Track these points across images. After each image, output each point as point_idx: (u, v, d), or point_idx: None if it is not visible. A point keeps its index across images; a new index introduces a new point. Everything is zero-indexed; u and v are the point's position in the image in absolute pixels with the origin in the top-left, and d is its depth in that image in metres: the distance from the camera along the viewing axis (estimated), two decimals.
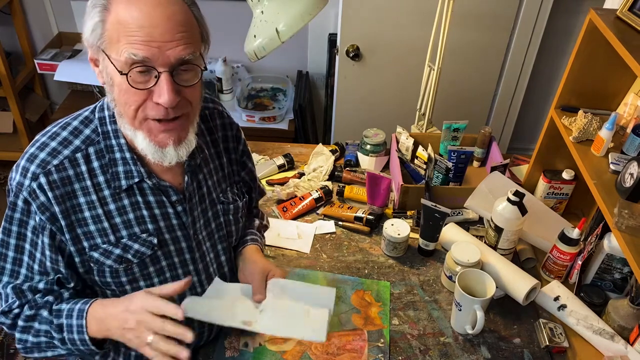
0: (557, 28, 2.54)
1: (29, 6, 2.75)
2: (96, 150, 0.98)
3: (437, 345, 1.28)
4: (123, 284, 1.04)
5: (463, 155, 1.68)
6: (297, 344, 1.26)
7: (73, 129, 0.99)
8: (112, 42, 0.88)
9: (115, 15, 0.86)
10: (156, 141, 0.95)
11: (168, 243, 1.06)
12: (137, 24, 0.86)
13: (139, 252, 1.02)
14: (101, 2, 0.88)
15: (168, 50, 0.87)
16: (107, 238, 1.00)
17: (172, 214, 1.05)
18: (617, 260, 1.35)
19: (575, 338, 1.31)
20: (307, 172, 1.80)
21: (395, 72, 2.37)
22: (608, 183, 1.23)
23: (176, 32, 0.88)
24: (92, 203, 0.98)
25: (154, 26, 0.86)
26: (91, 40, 0.90)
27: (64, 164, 0.96)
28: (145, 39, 0.86)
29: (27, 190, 0.94)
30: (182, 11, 0.89)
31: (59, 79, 2.52)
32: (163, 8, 0.87)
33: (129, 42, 0.86)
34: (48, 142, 0.97)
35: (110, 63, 0.89)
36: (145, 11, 0.86)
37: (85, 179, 0.97)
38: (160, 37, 0.86)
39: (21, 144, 2.78)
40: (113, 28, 0.87)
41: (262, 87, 2.85)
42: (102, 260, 1.01)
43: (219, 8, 2.68)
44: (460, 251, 1.37)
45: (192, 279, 1.11)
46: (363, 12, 2.20)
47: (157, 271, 1.06)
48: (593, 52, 1.35)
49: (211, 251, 1.15)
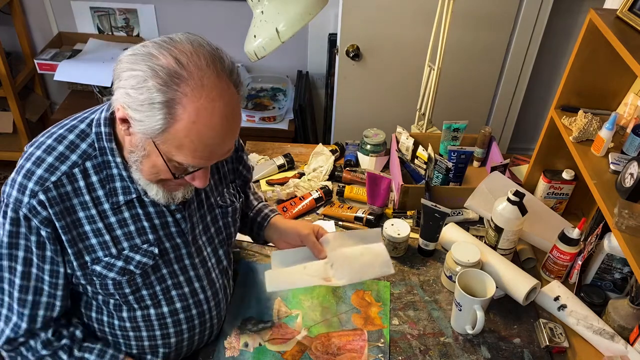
0: (557, 28, 2.54)
1: (29, 6, 2.75)
2: (94, 165, 0.97)
3: (437, 345, 1.28)
4: (126, 294, 1.04)
5: (463, 155, 1.68)
6: (297, 344, 1.26)
7: (69, 143, 0.96)
8: (170, 144, 0.86)
9: (183, 126, 0.84)
10: (169, 190, 0.98)
11: (168, 251, 1.06)
12: (203, 142, 0.86)
13: (141, 262, 1.02)
14: (163, 98, 0.82)
15: (220, 157, 0.92)
16: (108, 251, 1.00)
17: (171, 222, 1.05)
18: (617, 260, 1.35)
19: (575, 338, 1.31)
20: (307, 172, 1.80)
21: (395, 72, 2.36)
22: (608, 183, 1.23)
23: (232, 142, 0.91)
24: (92, 217, 0.97)
25: (218, 144, 0.88)
26: (139, 129, 0.86)
27: (62, 180, 0.94)
28: (207, 155, 0.88)
29: (26, 207, 0.93)
30: (239, 114, 0.90)
31: (59, 79, 2.53)
32: (228, 123, 0.87)
33: (191, 155, 0.87)
34: (44, 157, 0.95)
35: (159, 155, 0.89)
36: (213, 127, 0.85)
37: (83, 194, 0.96)
38: (221, 152, 0.90)
39: (21, 144, 2.78)
40: (177, 137, 0.85)
41: (262, 87, 2.85)
42: (104, 273, 1.00)
43: (219, 8, 2.69)
44: (460, 251, 1.37)
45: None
46: (363, 12, 2.20)
47: (158, 279, 1.06)
48: (593, 52, 1.35)
49: (212, 256, 1.15)
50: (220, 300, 1.19)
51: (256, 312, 1.32)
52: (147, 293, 1.06)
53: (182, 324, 1.12)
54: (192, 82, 0.82)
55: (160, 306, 1.08)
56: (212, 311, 1.17)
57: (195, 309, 1.13)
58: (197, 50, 0.85)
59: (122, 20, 2.76)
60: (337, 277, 1.13)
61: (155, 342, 1.12)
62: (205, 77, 0.83)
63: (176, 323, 1.11)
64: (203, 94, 0.83)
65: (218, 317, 1.20)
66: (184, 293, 1.10)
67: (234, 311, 1.31)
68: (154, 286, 1.06)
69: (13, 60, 2.79)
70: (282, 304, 1.34)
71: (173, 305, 1.09)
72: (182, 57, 0.83)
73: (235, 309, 1.32)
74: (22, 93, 2.83)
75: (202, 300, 1.13)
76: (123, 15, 2.75)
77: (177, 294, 1.09)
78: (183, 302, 1.10)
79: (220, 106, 0.84)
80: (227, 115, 0.86)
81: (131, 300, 1.05)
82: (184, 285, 1.09)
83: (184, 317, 1.11)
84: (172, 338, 1.12)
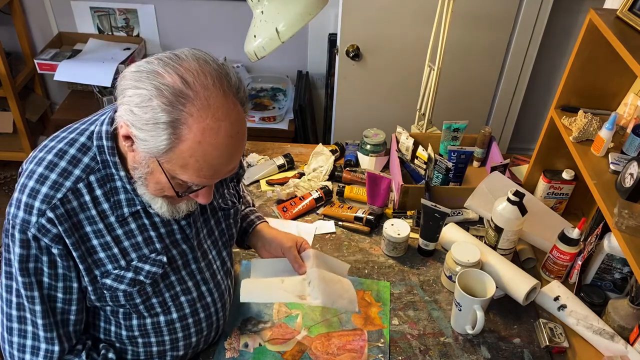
0: (557, 28, 2.54)
1: (29, 6, 2.75)
2: (97, 179, 0.95)
3: (437, 345, 1.28)
4: (137, 304, 1.04)
5: (463, 155, 1.68)
6: (297, 344, 1.26)
7: (71, 158, 0.94)
8: (174, 164, 0.86)
9: (189, 146, 0.83)
10: (173, 205, 0.97)
11: (176, 258, 1.06)
12: (208, 162, 0.85)
13: (151, 272, 1.02)
14: (168, 118, 0.81)
15: (225, 175, 0.91)
16: (117, 263, 0.98)
17: (176, 230, 1.04)
18: (617, 260, 1.35)
19: (575, 338, 1.31)
20: (307, 172, 1.80)
21: (395, 72, 2.36)
22: (608, 183, 1.23)
23: (237, 161, 0.91)
24: (100, 231, 0.96)
25: (223, 164, 0.87)
26: (143, 148, 0.85)
27: (67, 196, 0.92)
28: (211, 174, 0.88)
29: (35, 227, 0.90)
30: (244, 132, 0.89)
31: (59, 79, 2.53)
32: (234, 142, 0.86)
33: (196, 175, 0.86)
34: (47, 174, 0.93)
35: (162, 173, 0.88)
36: (218, 147, 0.84)
37: (90, 209, 0.95)
38: (225, 170, 0.89)
39: (21, 144, 2.78)
40: (181, 157, 0.84)
41: (262, 87, 2.85)
42: (115, 285, 0.99)
43: (219, 8, 2.69)
44: (460, 251, 1.37)
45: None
46: (363, 12, 2.20)
47: (167, 286, 1.06)
48: (593, 52, 1.35)
49: (217, 259, 1.15)
50: (226, 301, 1.19)
51: (256, 312, 1.32)
52: (157, 301, 1.05)
53: (191, 328, 1.12)
54: (198, 102, 0.81)
55: (170, 313, 1.08)
56: (219, 312, 1.17)
57: (203, 312, 1.13)
58: (204, 68, 0.83)
59: (122, 20, 2.76)
60: (313, 296, 1.11)
61: (164, 348, 1.12)
62: (212, 96, 0.82)
63: (184, 327, 1.11)
64: (209, 114, 0.82)
65: (224, 318, 1.20)
66: (193, 298, 1.10)
67: (234, 311, 1.31)
68: (164, 293, 1.06)
69: (13, 60, 2.79)
70: (282, 304, 1.34)
71: (182, 312, 1.09)
72: (188, 75, 0.82)
73: (235, 309, 1.32)
74: (22, 93, 2.83)
75: (210, 303, 1.13)
76: (123, 15, 2.75)
77: (186, 299, 1.09)
78: (192, 307, 1.10)
79: (226, 126, 0.83)
80: (232, 134, 0.85)
81: (141, 310, 1.04)
82: (192, 290, 1.09)
83: (192, 321, 1.11)
84: (180, 342, 1.12)
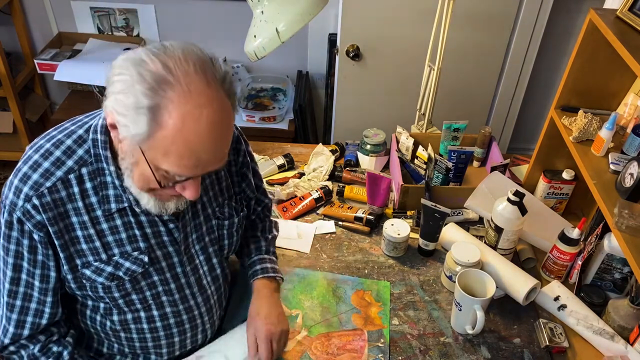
0: (557, 28, 2.54)
1: (29, 6, 2.75)
2: (89, 171, 0.96)
3: (437, 345, 1.28)
4: (116, 298, 1.04)
5: (463, 155, 1.68)
6: (297, 344, 1.26)
7: (66, 149, 0.96)
8: (156, 151, 0.85)
9: (169, 132, 0.82)
10: (161, 200, 0.96)
11: (160, 259, 1.06)
12: (190, 149, 0.83)
13: (130, 270, 1.02)
14: (149, 103, 0.80)
15: (210, 167, 0.89)
16: (98, 256, 1.00)
17: (163, 232, 1.04)
18: (617, 260, 1.35)
19: (575, 338, 1.31)
20: (307, 172, 1.80)
21: (395, 72, 2.36)
22: (608, 183, 1.23)
23: (222, 152, 0.89)
24: (84, 223, 0.97)
25: (205, 152, 0.85)
26: (125, 134, 0.85)
27: (56, 185, 0.94)
28: (193, 163, 0.86)
29: (20, 210, 0.93)
30: (230, 124, 0.88)
31: (59, 79, 2.52)
32: (217, 131, 0.85)
33: (177, 164, 0.85)
34: (40, 161, 0.94)
35: (145, 163, 0.87)
36: (200, 134, 0.82)
37: (77, 200, 0.96)
38: (208, 161, 0.88)
39: (21, 144, 2.78)
40: (163, 144, 0.83)
41: (262, 87, 2.85)
42: (94, 277, 1.00)
43: (219, 8, 2.69)
44: (460, 251, 1.37)
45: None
46: (363, 12, 2.20)
47: (149, 285, 1.06)
48: (593, 52, 1.35)
49: (205, 264, 1.15)
50: (212, 306, 1.19)
51: None
52: (137, 298, 1.06)
53: (172, 328, 1.12)
54: (178, 87, 0.80)
55: (150, 309, 1.08)
56: (204, 316, 1.17)
57: (185, 315, 1.13)
58: (187, 56, 0.83)
59: (122, 20, 2.76)
60: None
61: (146, 344, 1.13)
62: (193, 83, 0.81)
63: (166, 327, 1.12)
64: (190, 100, 0.81)
65: (211, 322, 1.20)
66: (174, 300, 1.10)
67: (234, 311, 1.31)
68: (144, 291, 1.06)
69: (13, 60, 2.79)
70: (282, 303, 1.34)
71: (163, 310, 1.09)
72: (170, 62, 0.81)
73: (235, 309, 1.32)
74: (22, 93, 2.83)
75: (193, 307, 1.13)
76: (123, 15, 2.75)
77: (168, 299, 1.09)
78: (173, 308, 1.10)
79: (208, 113, 0.82)
80: (215, 122, 0.83)
81: (121, 304, 1.05)
82: (175, 292, 1.10)
83: (174, 321, 1.12)
84: (162, 340, 1.13)
